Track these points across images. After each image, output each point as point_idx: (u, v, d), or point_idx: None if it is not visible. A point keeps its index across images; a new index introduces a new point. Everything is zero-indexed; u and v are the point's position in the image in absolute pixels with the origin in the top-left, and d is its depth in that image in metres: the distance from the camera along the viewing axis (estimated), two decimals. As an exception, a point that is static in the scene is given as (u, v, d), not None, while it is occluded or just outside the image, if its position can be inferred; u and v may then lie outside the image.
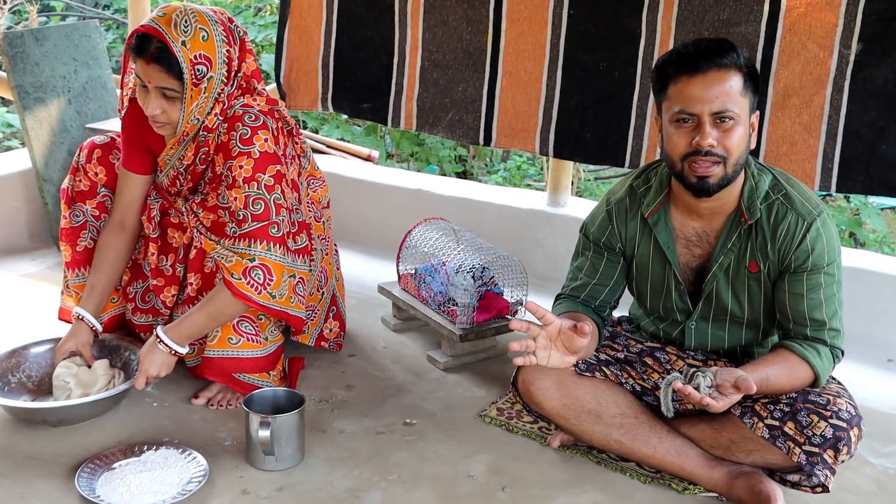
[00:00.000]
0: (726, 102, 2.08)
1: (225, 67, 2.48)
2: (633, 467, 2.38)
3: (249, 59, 2.60)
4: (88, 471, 2.25)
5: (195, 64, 2.41)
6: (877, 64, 2.80)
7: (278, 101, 2.67)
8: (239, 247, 2.44)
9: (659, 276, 2.38)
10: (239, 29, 2.55)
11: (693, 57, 2.12)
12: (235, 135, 2.47)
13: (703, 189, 2.15)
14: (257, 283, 2.43)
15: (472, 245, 3.12)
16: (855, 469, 2.42)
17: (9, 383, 2.61)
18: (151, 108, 2.46)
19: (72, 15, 7.50)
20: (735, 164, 2.13)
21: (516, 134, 3.47)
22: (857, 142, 2.88)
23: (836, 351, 2.24)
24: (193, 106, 2.45)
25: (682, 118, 2.12)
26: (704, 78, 2.09)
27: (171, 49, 2.38)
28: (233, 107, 2.52)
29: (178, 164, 2.61)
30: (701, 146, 2.09)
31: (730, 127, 2.10)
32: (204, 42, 2.42)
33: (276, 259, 2.45)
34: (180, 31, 2.39)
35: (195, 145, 2.56)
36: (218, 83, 2.47)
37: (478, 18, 3.43)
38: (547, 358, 2.11)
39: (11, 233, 3.87)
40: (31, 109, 3.80)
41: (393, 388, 2.81)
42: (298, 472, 2.33)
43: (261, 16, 7.50)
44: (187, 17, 2.42)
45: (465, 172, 6.77)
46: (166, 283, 2.71)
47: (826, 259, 2.20)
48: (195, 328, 2.53)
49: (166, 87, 2.43)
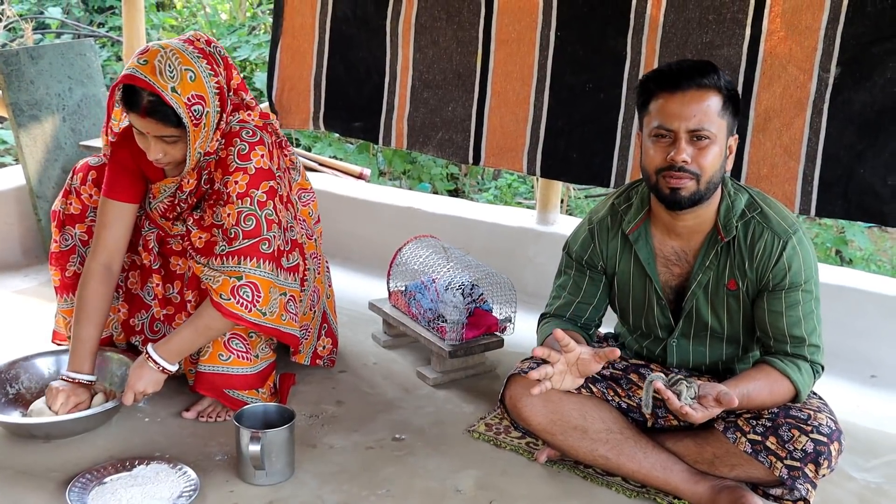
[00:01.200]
0: (703, 121, 2.14)
1: (217, 99, 2.47)
2: (619, 482, 2.41)
3: (234, 74, 2.61)
4: (80, 485, 2.27)
5: (191, 106, 2.39)
6: (854, 87, 2.84)
7: (269, 115, 2.68)
8: (228, 265, 2.46)
9: (640, 293, 2.42)
10: (218, 49, 2.54)
11: (675, 75, 2.18)
12: (234, 150, 2.49)
13: (676, 201, 2.19)
14: (246, 301, 2.45)
15: (461, 262, 3.16)
16: (838, 484, 2.46)
17: (7, 394, 2.64)
18: (153, 154, 2.45)
19: (66, 32, 7.54)
20: (708, 182, 2.18)
21: (504, 153, 3.52)
22: (836, 165, 2.92)
23: (817, 366, 2.28)
24: (197, 143, 2.45)
25: (661, 133, 2.18)
26: (684, 96, 2.15)
27: (164, 99, 2.36)
28: (229, 123, 2.55)
29: (177, 192, 2.61)
30: (675, 161, 2.15)
31: (705, 145, 2.15)
32: (192, 82, 2.40)
33: (264, 276, 2.47)
34: (167, 78, 2.36)
35: (197, 171, 2.57)
36: (214, 115, 2.47)
37: (467, 40, 3.48)
38: (561, 382, 2.19)
39: (4, 249, 3.90)
40: (25, 127, 3.84)
41: (383, 404, 2.83)
42: (288, 487, 2.36)
43: (255, 34, 7.55)
44: (170, 61, 2.38)
45: (457, 190, 6.81)
46: (176, 311, 2.73)
47: (803, 276, 2.24)
48: (184, 345, 2.54)
49: (164, 136, 2.42)
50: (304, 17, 3.84)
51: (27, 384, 2.70)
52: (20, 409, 2.62)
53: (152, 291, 2.74)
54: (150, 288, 2.75)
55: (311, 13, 3.82)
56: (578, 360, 2.18)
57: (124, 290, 2.79)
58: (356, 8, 3.71)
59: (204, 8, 8.18)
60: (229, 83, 2.57)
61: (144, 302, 2.78)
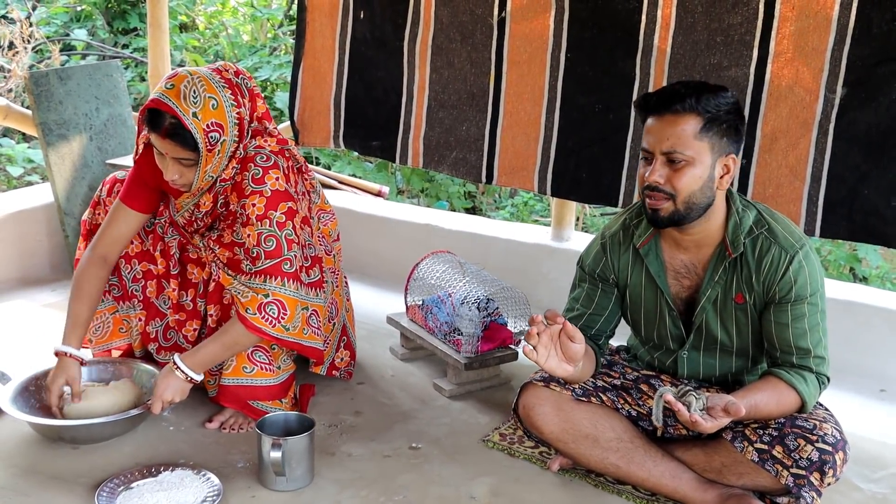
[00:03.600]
0: (676, 144, 2.21)
1: (236, 129, 2.56)
2: (630, 490, 2.46)
3: (259, 103, 2.70)
4: (108, 490, 2.35)
5: (208, 133, 2.49)
6: (860, 108, 2.89)
7: (288, 141, 2.77)
8: (254, 283, 2.55)
9: (652, 305, 2.49)
10: (245, 79, 2.63)
11: (653, 99, 2.28)
12: (248, 175, 2.59)
13: (655, 220, 2.30)
14: (272, 318, 2.54)
15: (477, 277, 3.23)
16: (844, 493, 2.51)
17: (41, 400, 2.71)
18: (169, 175, 2.57)
19: (92, 54, 7.69)
20: (686, 203, 2.25)
21: (516, 172, 3.59)
22: (841, 185, 2.96)
23: (822, 377, 2.33)
24: (207, 168, 2.55)
25: (644, 155, 2.29)
26: (661, 119, 2.24)
27: (183, 123, 2.47)
28: (246, 148, 2.63)
29: (195, 210, 2.71)
30: (647, 181, 2.25)
31: (680, 167, 2.23)
32: (214, 110, 2.50)
33: (289, 294, 2.57)
34: (190, 103, 2.47)
35: (213, 194, 2.66)
36: (231, 144, 2.57)
37: (481, 61, 3.57)
38: (546, 357, 2.16)
39: (34, 264, 4.01)
40: (54, 146, 3.95)
41: (400, 415, 2.91)
42: (308, 493, 2.43)
43: (276, 55, 7.68)
44: (195, 88, 2.49)
45: (475, 208, 6.89)
46: (188, 318, 2.82)
47: (809, 290, 2.30)
48: (210, 357, 2.64)
49: (182, 158, 2.53)
50: (325, 39, 3.94)
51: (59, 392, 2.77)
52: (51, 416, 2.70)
53: (168, 297, 2.83)
54: (166, 294, 2.83)
55: (331, 35, 3.92)
56: (560, 339, 2.16)
57: (142, 299, 2.87)
58: (374, 30, 3.80)
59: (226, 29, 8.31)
60: (252, 114, 2.65)
61: (160, 310, 2.86)
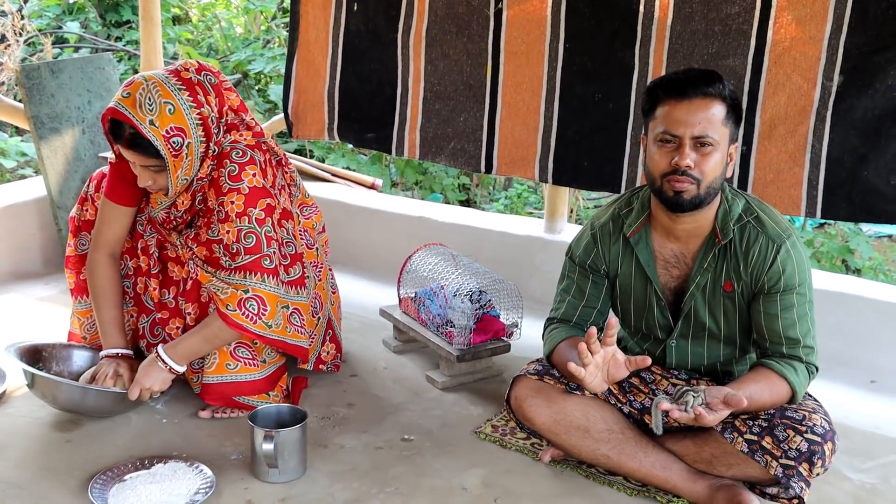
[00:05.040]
0: (707, 128, 2.22)
1: (200, 129, 2.54)
2: (620, 481, 2.48)
3: (232, 96, 2.69)
4: (101, 482, 2.36)
5: (169, 139, 2.48)
6: (857, 95, 2.92)
7: (265, 133, 2.75)
8: (234, 279, 2.55)
9: (641, 294, 2.50)
10: (210, 76, 2.61)
11: (682, 83, 2.26)
12: (225, 171, 2.57)
13: (678, 204, 2.28)
14: (252, 314, 2.54)
15: (469, 269, 3.23)
16: (834, 484, 2.52)
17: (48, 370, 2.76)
18: (142, 182, 2.58)
19: (84, 46, 7.66)
20: (708, 187, 2.26)
21: (516, 162, 3.60)
22: (840, 169, 2.99)
23: (812, 367, 2.35)
24: (179, 172, 2.55)
25: (666, 139, 2.26)
26: (690, 104, 2.23)
27: (141, 133, 2.46)
28: (220, 144, 2.62)
29: (171, 209, 2.70)
30: (679, 166, 2.23)
31: (708, 152, 2.24)
32: (171, 115, 2.48)
33: (269, 290, 2.57)
34: (146, 111, 2.45)
35: (191, 192, 2.65)
36: (198, 145, 2.55)
37: (477, 52, 3.57)
38: (594, 376, 2.22)
39: (26, 258, 4.00)
40: (46, 139, 3.95)
41: (392, 407, 2.91)
42: (301, 485, 2.44)
43: (269, 48, 7.66)
44: (150, 94, 2.47)
45: (469, 200, 6.90)
46: (171, 316, 2.81)
47: (797, 279, 2.32)
48: (192, 350, 2.64)
49: (149, 165, 2.54)
50: (319, 31, 3.93)
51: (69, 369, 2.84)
52: None
53: (150, 295, 2.83)
54: (149, 293, 2.83)
55: (324, 27, 3.91)
56: (612, 360, 2.22)
57: (133, 295, 2.87)
58: (368, 22, 3.80)
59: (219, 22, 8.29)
60: (221, 108, 2.63)
61: (147, 306, 2.86)
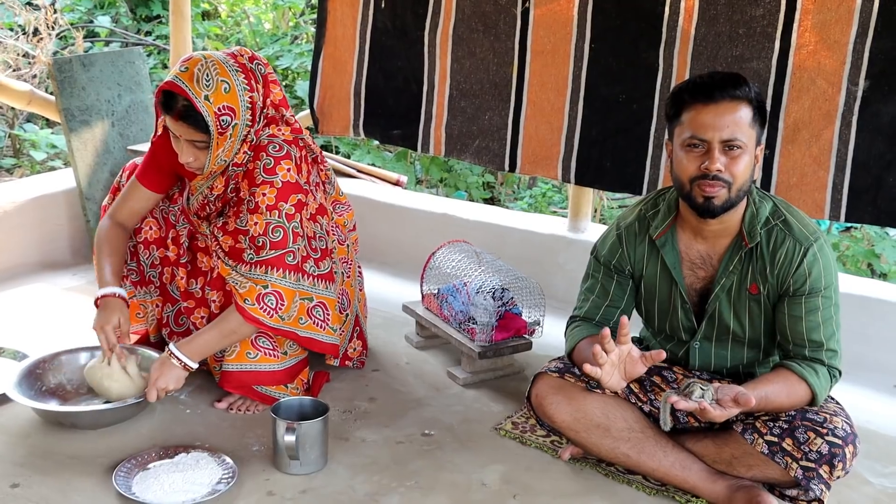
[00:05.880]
0: (735, 132, 2.22)
1: (248, 113, 2.59)
2: (640, 480, 2.48)
3: (276, 90, 2.73)
4: (125, 470, 2.39)
5: (219, 116, 2.53)
6: (883, 100, 2.90)
7: (303, 130, 2.78)
8: (255, 273, 2.58)
9: (666, 296, 2.50)
10: (261, 66, 2.67)
11: (708, 87, 2.26)
12: (260, 164, 2.61)
13: (709, 209, 2.27)
14: (270, 308, 2.57)
15: (492, 267, 3.24)
16: (854, 488, 2.51)
17: (48, 384, 2.76)
18: (184, 157, 2.61)
19: (115, 41, 7.73)
20: (739, 190, 2.26)
21: (540, 161, 3.60)
22: (866, 174, 2.97)
23: (834, 371, 2.34)
24: (219, 151, 2.59)
25: (694, 143, 2.26)
26: (717, 107, 2.23)
27: (195, 106, 2.50)
28: (259, 137, 2.66)
29: (207, 192, 2.74)
30: (709, 170, 2.22)
31: (737, 155, 2.23)
32: (226, 94, 2.54)
33: (288, 285, 2.59)
34: (203, 86, 2.50)
35: (225, 178, 2.70)
36: (243, 128, 2.60)
37: (503, 51, 3.58)
38: (610, 375, 2.24)
39: (55, 248, 4.06)
40: (76, 131, 3.99)
41: (413, 402, 2.93)
42: (321, 477, 2.46)
43: (297, 44, 7.69)
44: (209, 71, 2.52)
45: (493, 198, 6.90)
46: (196, 305, 2.84)
47: (823, 283, 2.31)
48: (208, 346, 2.66)
49: (195, 140, 2.57)
50: (346, 28, 3.95)
51: (69, 376, 2.82)
52: (57, 400, 2.74)
53: (177, 285, 2.86)
54: (176, 282, 2.86)
55: (352, 24, 3.93)
56: (628, 358, 2.23)
57: (158, 285, 2.90)
58: (395, 19, 3.81)
59: (248, 17, 8.34)
60: (265, 99, 2.67)
61: (172, 296, 2.89)
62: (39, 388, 2.74)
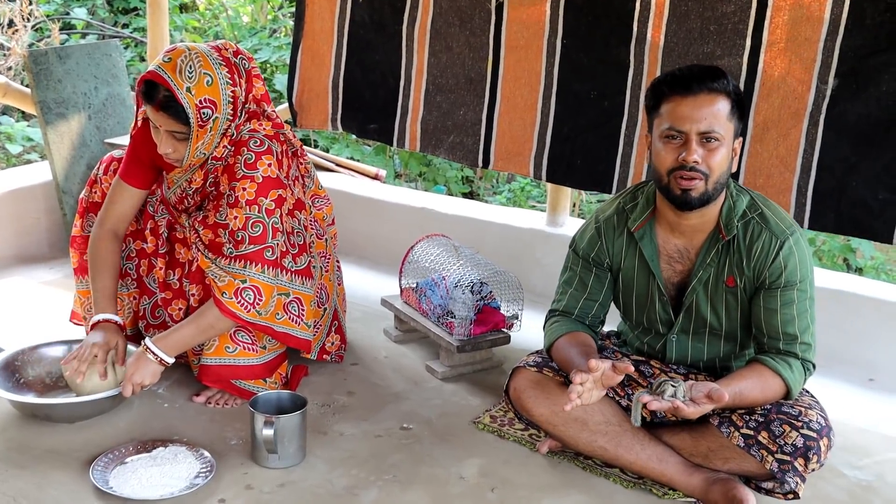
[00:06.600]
0: (713, 124, 2.23)
1: (230, 107, 2.59)
2: (617, 473, 2.50)
3: (258, 84, 2.72)
4: (102, 464, 2.38)
5: (200, 108, 2.52)
6: (851, 99, 2.89)
7: (284, 125, 2.78)
8: (234, 267, 2.57)
9: (643, 289, 2.51)
10: (245, 60, 2.66)
11: (687, 79, 2.28)
12: (241, 158, 2.60)
13: (686, 202, 2.29)
14: (247, 303, 2.57)
15: (471, 261, 3.25)
16: (829, 480, 2.54)
17: (25, 376, 2.76)
18: (163, 148, 2.60)
19: (92, 33, 7.67)
20: (716, 183, 2.28)
21: (512, 157, 3.60)
22: (830, 177, 2.96)
23: (808, 364, 2.36)
24: (199, 144, 2.58)
25: (672, 135, 2.27)
26: (696, 99, 2.24)
27: (177, 97, 2.49)
28: (240, 131, 2.65)
29: (186, 186, 2.74)
30: (686, 161, 2.24)
31: (714, 147, 2.25)
32: (208, 87, 2.53)
33: (267, 280, 2.59)
34: (185, 78, 2.49)
35: (204, 171, 2.69)
36: (224, 121, 2.59)
37: (479, 45, 3.57)
38: (590, 398, 2.26)
39: (32, 242, 4.03)
40: (52, 124, 3.96)
41: (392, 396, 2.93)
42: (300, 471, 2.46)
43: (275, 37, 7.66)
44: (192, 63, 2.51)
45: (472, 193, 6.91)
46: (174, 297, 2.83)
47: (798, 276, 2.33)
48: (184, 341, 2.65)
49: (175, 131, 2.56)
50: (324, 22, 3.95)
51: (47, 369, 2.81)
52: (33, 393, 2.73)
53: (155, 276, 2.84)
54: (154, 273, 2.85)
55: (330, 17, 3.93)
56: (603, 376, 2.24)
57: (135, 277, 2.89)
58: (374, 13, 3.81)
59: (226, 10, 8.30)
60: (248, 94, 2.67)
61: (149, 288, 2.88)
62: (17, 380, 2.73)
